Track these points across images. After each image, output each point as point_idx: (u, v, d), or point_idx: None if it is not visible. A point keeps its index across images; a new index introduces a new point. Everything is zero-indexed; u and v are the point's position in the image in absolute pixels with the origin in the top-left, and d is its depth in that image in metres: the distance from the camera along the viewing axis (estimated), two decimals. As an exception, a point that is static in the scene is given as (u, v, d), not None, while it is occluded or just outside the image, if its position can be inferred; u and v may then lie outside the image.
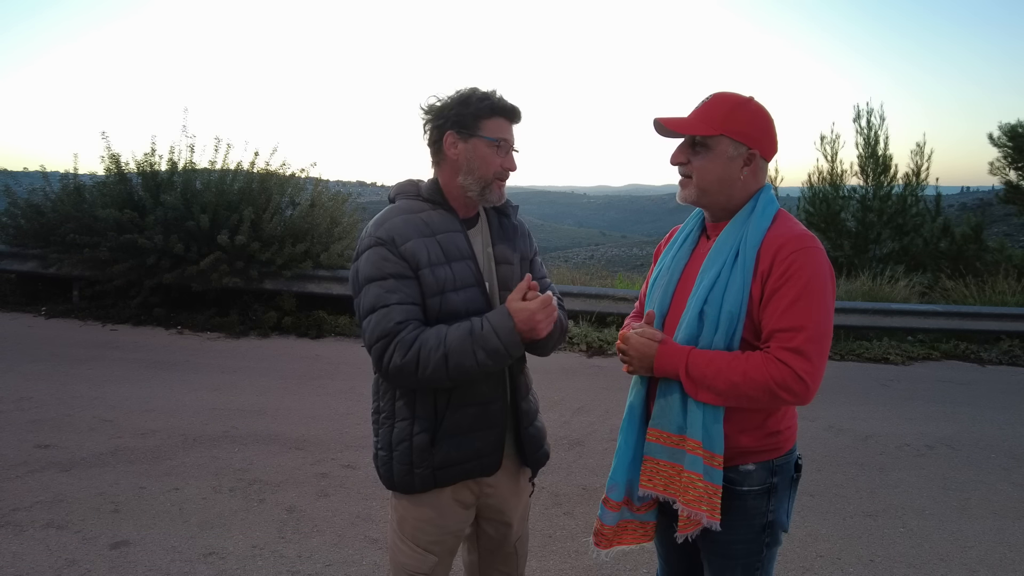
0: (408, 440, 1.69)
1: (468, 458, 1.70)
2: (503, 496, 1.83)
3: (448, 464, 1.69)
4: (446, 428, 1.68)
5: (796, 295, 1.47)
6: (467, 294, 1.67)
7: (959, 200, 37.25)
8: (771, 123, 1.61)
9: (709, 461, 1.53)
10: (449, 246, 1.67)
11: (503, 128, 1.69)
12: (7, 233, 7.83)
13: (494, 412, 1.72)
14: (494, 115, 1.67)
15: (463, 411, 1.68)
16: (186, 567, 2.79)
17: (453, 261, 1.67)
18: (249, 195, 7.54)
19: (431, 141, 1.72)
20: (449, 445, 1.68)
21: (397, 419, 1.71)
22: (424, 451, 1.68)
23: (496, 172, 1.69)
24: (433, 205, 1.72)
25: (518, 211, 1.90)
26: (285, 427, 4.43)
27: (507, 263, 1.79)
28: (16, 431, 4.13)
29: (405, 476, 1.70)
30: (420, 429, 1.68)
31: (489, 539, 1.89)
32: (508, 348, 1.60)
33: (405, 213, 1.69)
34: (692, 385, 1.53)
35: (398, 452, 1.70)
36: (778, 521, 1.64)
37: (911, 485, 3.99)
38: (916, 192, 12.15)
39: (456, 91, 1.69)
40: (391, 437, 1.72)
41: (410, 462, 1.69)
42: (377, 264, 1.61)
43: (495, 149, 1.67)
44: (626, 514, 1.69)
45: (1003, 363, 7.42)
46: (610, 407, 5.10)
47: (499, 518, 1.86)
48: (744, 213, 1.59)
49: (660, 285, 1.71)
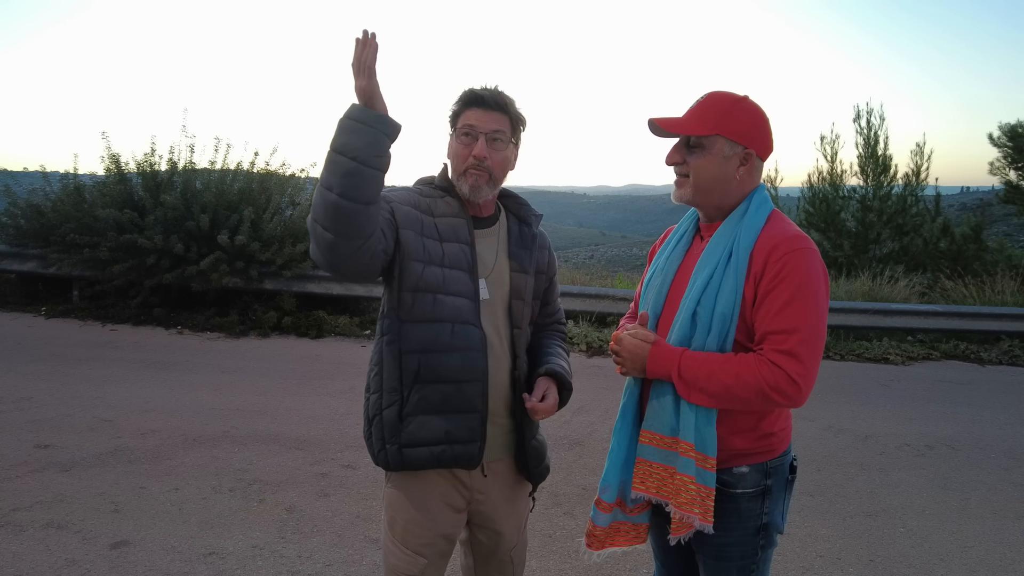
0: (379, 414, 1.68)
1: (437, 440, 1.63)
2: (494, 503, 1.78)
3: (414, 443, 1.63)
4: (412, 404, 1.63)
5: (789, 297, 1.47)
6: (452, 274, 1.65)
7: (959, 200, 37.25)
8: (766, 122, 1.61)
9: (702, 463, 1.52)
10: (446, 228, 1.68)
11: (474, 117, 1.67)
12: (7, 233, 7.83)
13: (470, 395, 1.64)
14: (467, 107, 1.68)
15: (431, 388, 1.63)
16: (186, 567, 2.79)
17: (446, 241, 1.67)
18: (249, 195, 7.55)
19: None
20: (415, 423, 1.63)
21: (371, 391, 1.72)
22: (393, 426, 1.65)
23: (467, 163, 1.67)
24: (443, 193, 1.74)
25: (540, 221, 1.87)
26: (285, 427, 4.43)
27: (521, 271, 1.78)
28: (16, 431, 4.13)
29: (380, 451, 1.68)
30: (388, 403, 1.66)
31: (481, 545, 1.85)
32: (357, 116, 1.46)
33: (411, 191, 1.72)
34: (685, 387, 1.52)
35: (374, 425, 1.69)
36: (773, 523, 1.63)
37: (911, 485, 3.99)
38: (916, 192, 12.16)
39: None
40: (368, 409, 1.72)
41: (383, 437, 1.67)
42: None
43: (463, 139, 1.67)
44: (619, 516, 1.69)
45: (1003, 363, 7.42)
46: (610, 407, 5.10)
47: (490, 526, 1.81)
48: (738, 214, 1.59)
49: (654, 286, 1.71)
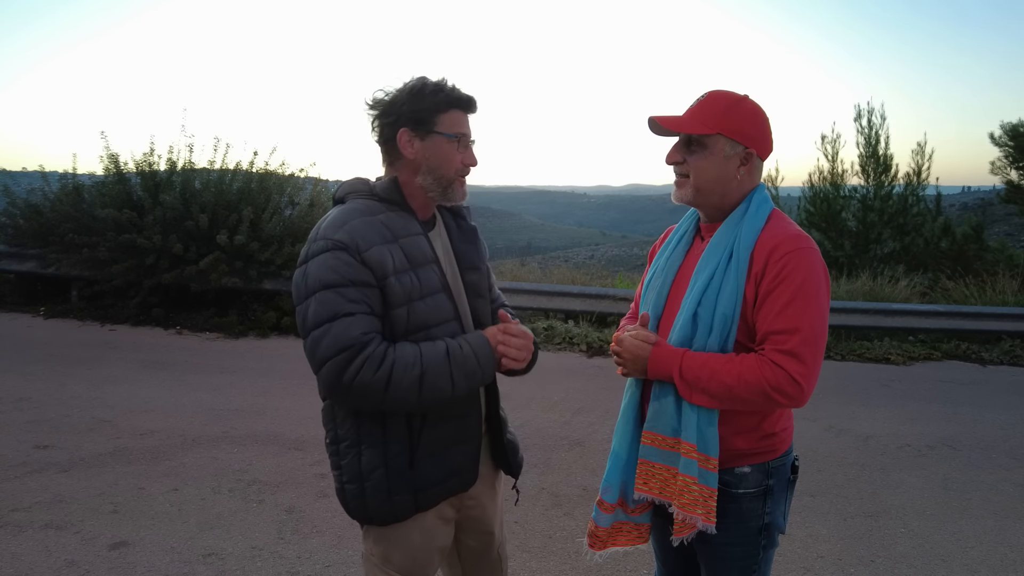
0: (382, 466, 1.53)
1: (449, 475, 1.59)
2: (483, 506, 1.75)
3: (429, 485, 1.57)
4: (424, 447, 1.54)
5: (790, 297, 1.46)
6: (434, 301, 1.54)
7: (960, 200, 37.26)
8: (767, 122, 1.60)
9: (704, 464, 1.52)
10: (412, 250, 1.53)
11: (460, 121, 1.57)
12: (6, 233, 7.84)
13: (471, 425, 1.63)
14: (450, 108, 1.55)
15: (441, 427, 1.56)
16: (185, 568, 2.78)
17: (418, 267, 1.53)
18: (248, 195, 7.55)
19: (383, 139, 1.57)
20: (428, 465, 1.56)
21: (364, 445, 1.55)
22: (402, 475, 1.54)
23: (458, 170, 1.57)
24: (390, 206, 1.57)
25: (470, 212, 1.76)
26: (284, 427, 4.42)
27: (474, 268, 1.69)
28: (15, 431, 4.12)
29: (383, 506, 1.55)
30: (396, 452, 1.53)
31: (471, 550, 1.79)
32: (485, 373, 1.52)
33: (364, 215, 1.52)
34: (686, 388, 1.52)
35: (371, 482, 1.54)
36: (774, 523, 1.63)
37: (912, 485, 3.98)
38: (917, 192, 12.16)
39: (404, 83, 1.56)
40: (359, 466, 1.55)
41: (387, 490, 1.54)
42: (336, 269, 1.44)
43: (455, 145, 1.55)
44: (620, 516, 1.68)
45: (1004, 363, 7.41)
46: (610, 407, 5.09)
47: (481, 528, 1.77)
48: (738, 214, 1.58)
49: (654, 287, 1.70)
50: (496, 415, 1.74)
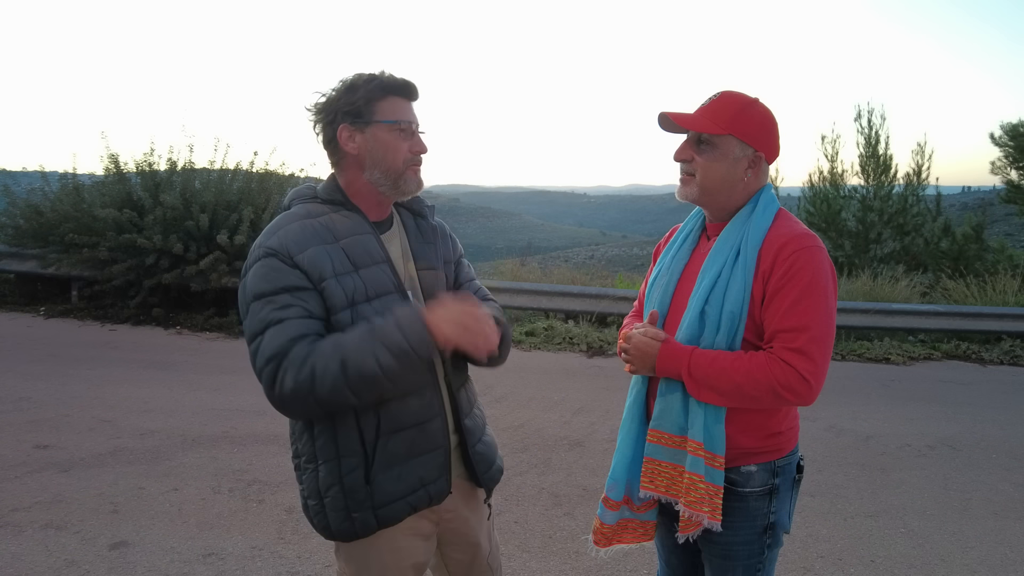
0: (338, 483, 1.46)
1: (412, 488, 1.49)
2: (463, 517, 1.66)
3: (389, 500, 1.47)
4: (380, 461, 1.46)
5: (798, 295, 1.46)
6: (382, 303, 1.45)
7: (960, 200, 37.27)
8: (776, 126, 1.61)
9: (710, 462, 1.52)
10: (357, 251, 1.46)
11: (400, 108, 1.49)
12: (6, 233, 7.83)
13: (434, 432, 1.51)
14: (387, 95, 1.48)
15: (397, 437, 1.47)
16: (185, 568, 2.78)
17: (362, 268, 1.46)
18: (248, 195, 7.54)
19: (326, 140, 1.51)
20: (387, 479, 1.47)
21: (320, 461, 1.48)
22: (358, 492, 1.45)
23: (406, 158, 1.49)
24: (334, 207, 1.51)
25: (434, 211, 1.69)
26: (284, 427, 4.38)
27: (430, 268, 1.60)
28: (15, 431, 4.12)
29: (343, 523, 1.48)
30: (349, 468, 1.45)
31: (459, 563, 1.71)
32: (415, 346, 1.37)
33: (301, 219, 1.46)
34: (695, 385, 1.52)
35: (329, 499, 1.47)
36: (780, 522, 1.63)
37: (912, 485, 3.98)
38: (917, 192, 12.18)
39: (340, 81, 1.50)
40: (317, 483, 1.48)
41: (345, 507, 1.46)
42: (267, 277, 1.39)
43: (398, 132, 1.48)
44: (626, 513, 1.68)
45: (1004, 363, 7.41)
46: (610, 407, 5.09)
47: (465, 540, 1.69)
48: (745, 212, 1.58)
49: (660, 285, 1.70)
50: (463, 425, 1.61)
